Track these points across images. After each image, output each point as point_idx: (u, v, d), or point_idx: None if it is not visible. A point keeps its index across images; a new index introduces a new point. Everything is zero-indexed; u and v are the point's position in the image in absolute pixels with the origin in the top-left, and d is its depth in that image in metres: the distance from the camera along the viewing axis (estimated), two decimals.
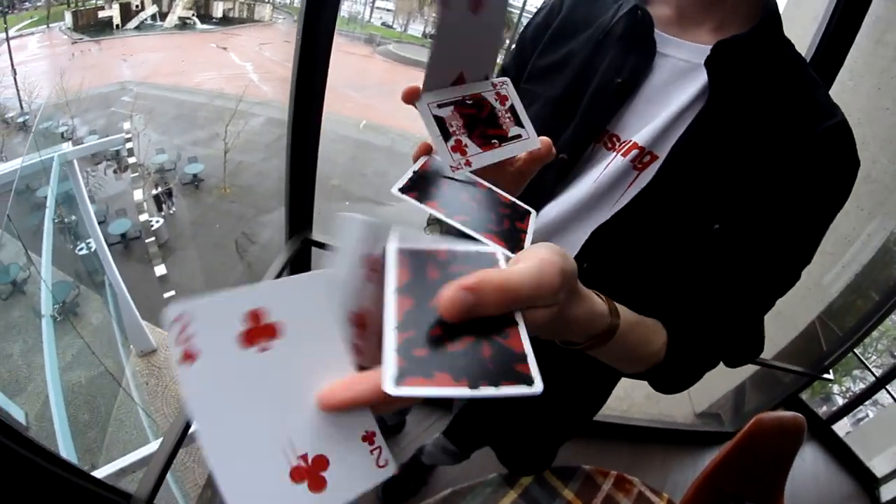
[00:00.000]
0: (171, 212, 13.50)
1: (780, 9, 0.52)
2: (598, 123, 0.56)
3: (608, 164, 0.55)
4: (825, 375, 2.16)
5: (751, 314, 0.58)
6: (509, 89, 0.41)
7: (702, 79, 0.51)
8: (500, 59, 0.74)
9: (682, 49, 0.54)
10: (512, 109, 0.40)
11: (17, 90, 18.88)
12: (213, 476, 0.21)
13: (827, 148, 0.49)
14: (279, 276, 1.26)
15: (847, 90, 2.06)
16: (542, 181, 0.59)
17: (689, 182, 0.51)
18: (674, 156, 0.51)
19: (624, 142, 0.55)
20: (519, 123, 0.40)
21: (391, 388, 0.22)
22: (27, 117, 17.66)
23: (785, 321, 2.45)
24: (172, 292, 9.95)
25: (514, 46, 0.70)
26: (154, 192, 13.35)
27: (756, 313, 0.58)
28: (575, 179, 0.58)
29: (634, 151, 0.54)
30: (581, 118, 0.57)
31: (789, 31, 0.53)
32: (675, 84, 0.53)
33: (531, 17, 0.68)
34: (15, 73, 19.27)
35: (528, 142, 0.40)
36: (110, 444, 6.69)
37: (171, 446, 0.91)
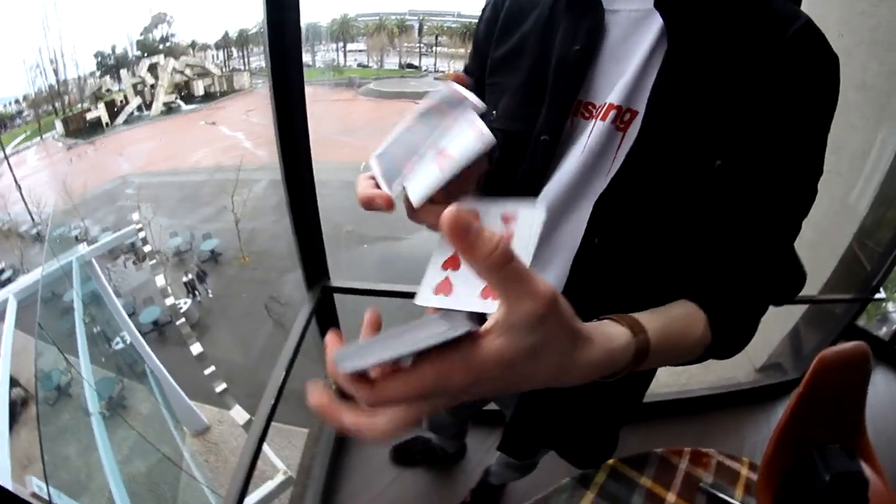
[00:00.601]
0: (209, 295, 13.56)
1: None
2: (569, 96, 0.55)
3: (591, 132, 0.54)
4: (876, 296, 2.07)
5: (780, 244, 0.55)
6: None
7: (657, 22, 0.50)
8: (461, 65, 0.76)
9: (631, 0, 0.53)
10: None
11: (25, 204, 19.86)
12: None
13: (800, 51, 0.47)
14: (305, 327, 1.27)
15: (820, 3, 2.01)
16: (532, 168, 0.59)
17: (675, 127, 0.50)
18: (652, 106, 0.50)
19: (599, 106, 0.54)
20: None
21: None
22: (40, 227, 18.55)
23: (821, 252, 2.37)
24: (213, 367, 10.11)
25: (471, 47, 0.71)
26: (185, 279, 13.38)
27: (785, 241, 0.55)
28: (563, 157, 0.57)
29: (613, 112, 0.53)
30: (551, 96, 0.56)
31: None
32: (633, 36, 0.53)
33: (479, 14, 0.69)
34: (20, 188, 20.28)
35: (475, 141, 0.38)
36: None
37: None
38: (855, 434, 1.38)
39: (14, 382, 8.55)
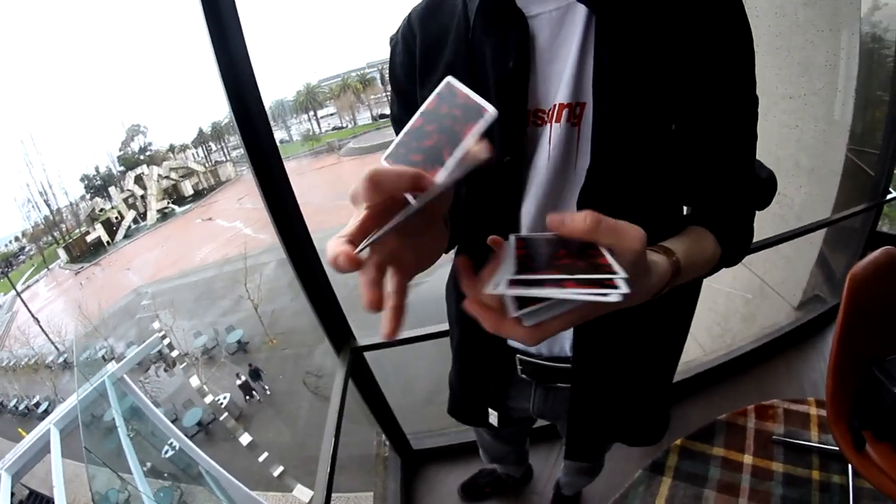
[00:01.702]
0: (267, 392, 13.14)
1: None
2: (519, 112, 0.56)
3: (550, 137, 0.56)
4: (888, 197, 2.04)
5: (742, 165, 0.60)
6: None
7: (580, 13, 0.52)
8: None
9: (546, 1, 0.54)
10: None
11: (47, 335, 20.24)
12: None
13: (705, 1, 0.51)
14: (343, 393, 1.28)
15: None
16: (506, 188, 0.60)
17: (624, 106, 0.52)
18: (597, 94, 0.52)
19: (548, 110, 0.55)
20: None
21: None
22: (66, 355, 18.73)
23: (822, 173, 2.34)
24: (266, 454, 10.05)
25: (391, 95, 0.70)
26: (238, 381, 12.92)
27: (746, 161, 0.60)
28: (530, 169, 0.58)
29: (565, 111, 0.54)
30: (501, 117, 0.58)
31: None
32: (560, 34, 0.54)
33: (390, 59, 0.68)
34: (37, 321, 20.69)
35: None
36: None
37: None
38: None
39: None
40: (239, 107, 0.98)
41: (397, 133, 0.73)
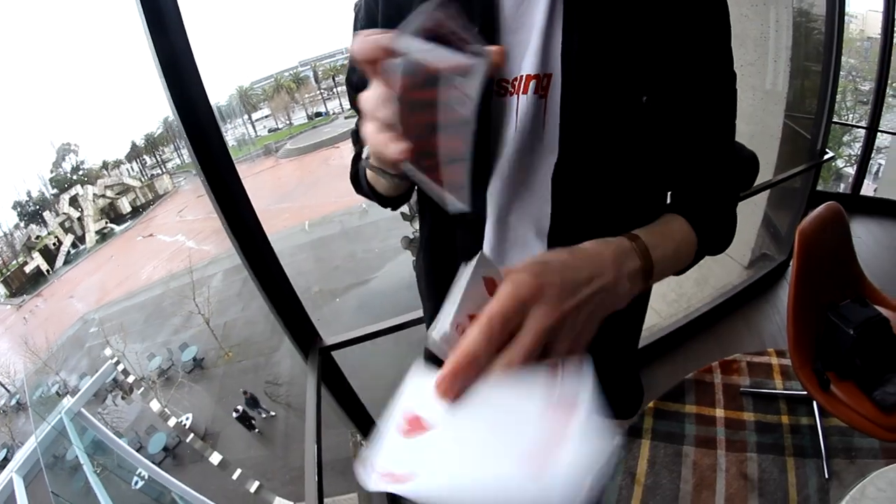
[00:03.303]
0: (264, 418, 11.92)
1: None
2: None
3: (517, 109, 0.54)
4: (825, 157, 2.18)
5: (722, 144, 0.59)
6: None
7: None
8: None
9: None
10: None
11: None
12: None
13: None
14: (318, 395, 1.23)
15: None
16: (474, 163, 0.58)
17: (593, 78, 0.50)
18: (565, 65, 0.51)
19: (514, 80, 0.54)
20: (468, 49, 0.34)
21: None
22: (17, 396, 17.43)
23: (762, 139, 2.48)
24: (239, 470, 9.72)
25: (349, 59, 0.68)
26: (235, 414, 11.62)
27: (725, 140, 0.59)
28: (496, 143, 0.57)
29: (533, 82, 0.52)
30: None
31: None
32: (525, 2, 0.52)
33: (353, 24, 0.65)
34: None
35: (480, 68, 0.34)
36: None
37: None
38: (859, 285, 1.44)
39: None
40: (184, 105, 0.91)
41: (353, 101, 0.69)
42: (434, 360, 0.35)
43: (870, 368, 1.18)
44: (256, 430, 11.51)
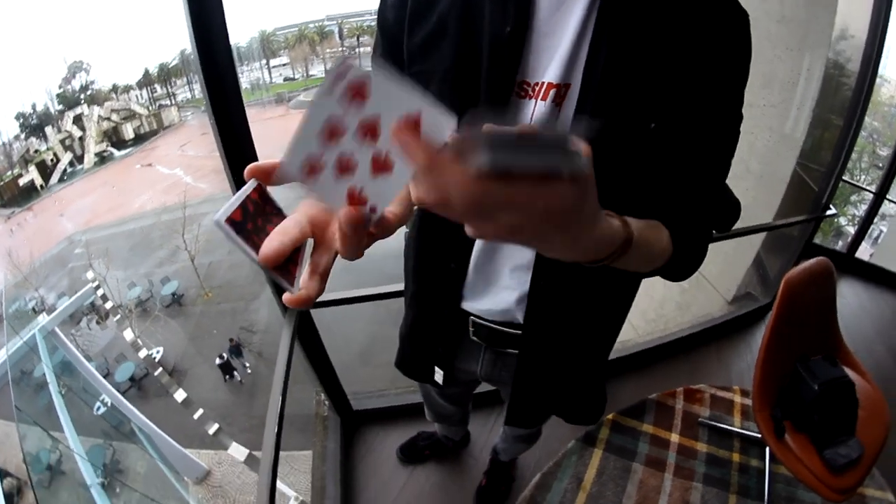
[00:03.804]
0: (248, 371, 11.68)
1: None
2: (508, 79, 0.55)
3: (533, 114, 0.55)
4: (827, 213, 2.19)
5: (713, 183, 0.61)
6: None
7: None
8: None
9: None
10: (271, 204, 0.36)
11: None
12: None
13: (718, 9, 0.51)
14: (290, 351, 1.24)
15: None
16: None
17: (609, 97, 0.51)
18: (586, 79, 0.51)
19: (536, 84, 0.54)
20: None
21: None
22: None
23: (769, 181, 2.49)
24: (201, 410, 9.81)
25: (376, 35, 0.66)
26: (219, 361, 11.40)
27: (717, 180, 0.61)
28: None
29: (552, 91, 0.53)
30: (489, 81, 0.56)
31: None
32: (563, 8, 0.52)
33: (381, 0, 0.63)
34: None
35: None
36: None
37: None
38: (833, 343, 1.46)
39: (4, 473, 8.10)
40: (203, 38, 0.89)
41: None
42: None
43: (826, 426, 1.21)
44: (238, 380, 11.38)
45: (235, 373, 11.45)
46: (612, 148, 0.52)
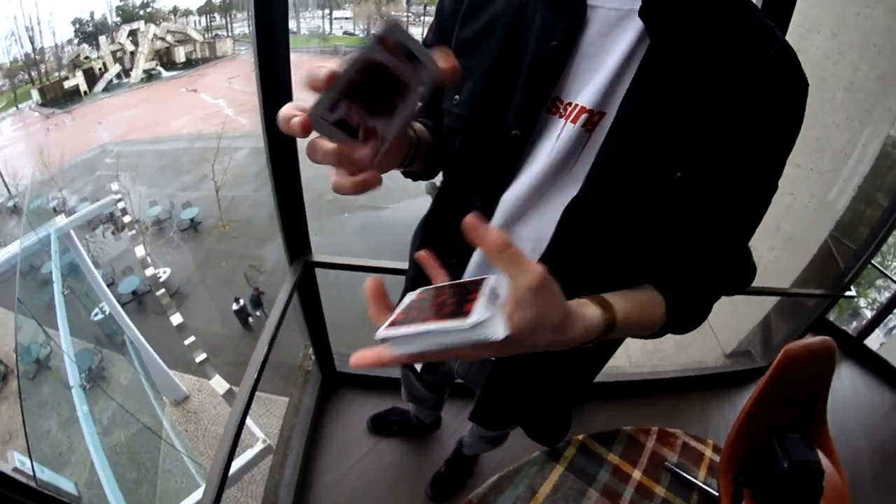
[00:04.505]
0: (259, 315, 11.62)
1: None
2: (544, 93, 0.54)
3: (560, 133, 0.54)
4: (847, 293, 2.14)
5: (733, 247, 0.59)
6: (398, 33, 0.36)
7: (637, 24, 0.49)
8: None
9: None
10: (405, 50, 0.36)
11: (1, 176, 19.01)
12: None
13: (776, 72, 0.48)
14: (287, 302, 1.27)
15: (816, 3, 2.02)
16: (502, 161, 0.58)
17: (642, 135, 0.50)
18: (622, 112, 0.51)
19: (569, 104, 0.54)
20: (415, 59, 0.36)
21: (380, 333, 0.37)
22: (16, 200, 17.79)
23: (797, 245, 2.44)
24: (192, 338, 10.03)
25: (433, 20, 0.67)
26: (235, 306, 11.32)
27: (737, 245, 0.59)
28: (529, 156, 0.57)
29: (584, 116, 0.53)
30: (525, 90, 0.56)
31: None
32: (611, 35, 0.51)
33: None
34: None
35: (430, 74, 0.36)
36: (162, 495, 6.79)
37: (215, 490, 0.91)
38: (816, 425, 1.44)
39: None
40: None
41: None
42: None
43: None
44: (249, 329, 11.40)
45: (249, 320, 11.50)
46: (637, 188, 0.52)
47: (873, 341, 2.62)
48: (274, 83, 1.02)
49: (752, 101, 0.48)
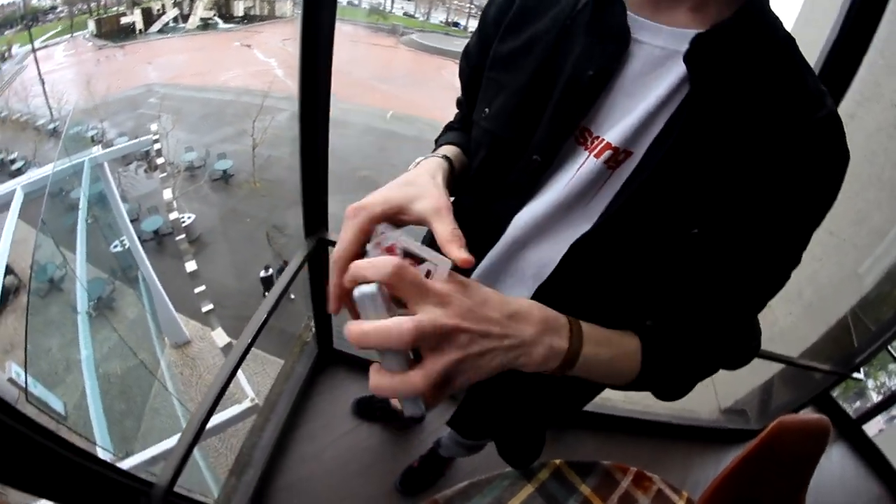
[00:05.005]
0: (292, 297, 11.56)
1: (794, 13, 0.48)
2: (572, 122, 0.53)
3: (581, 166, 0.53)
4: (855, 375, 2.08)
5: (736, 318, 0.56)
6: (393, 237, 0.40)
7: (680, 67, 0.47)
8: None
9: (658, 35, 0.49)
10: (409, 254, 0.40)
11: (46, 98, 19.61)
12: None
13: (818, 140, 0.46)
14: (296, 273, 1.30)
15: (878, 72, 1.96)
16: (519, 182, 0.58)
17: (666, 183, 0.48)
18: (649, 155, 0.49)
19: (596, 138, 0.52)
20: (421, 261, 0.40)
21: None
22: (57, 124, 18.32)
23: (816, 314, 2.38)
24: (203, 287, 10.25)
25: (477, 24, 0.66)
26: (263, 273, 11.31)
27: (742, 317, 0.56)
28: (548, 181, 0.56)
29: (609, 153, 0.51)
30: (552, 117, 0.54)
31: (803, 35, 0.50)
32: (652, 74, 0.49)
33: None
34: (43, 82, 20.06)
35: (440, 270, 0.39)
36: (146, 432, 6.97)
37: (192, 435, 0.92)
38: (794, 502, 1.42)
39: (9, 270, 8.70)
40: None
41: (463, 67, 0.70)
42: None
43: None
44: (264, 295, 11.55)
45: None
46: (645, 238, 0.51)
47: (872, 426, 2.54)
48: (314, 48, 1.03)
49: (787, 166, 0.46)
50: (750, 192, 0.47)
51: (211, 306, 9.55)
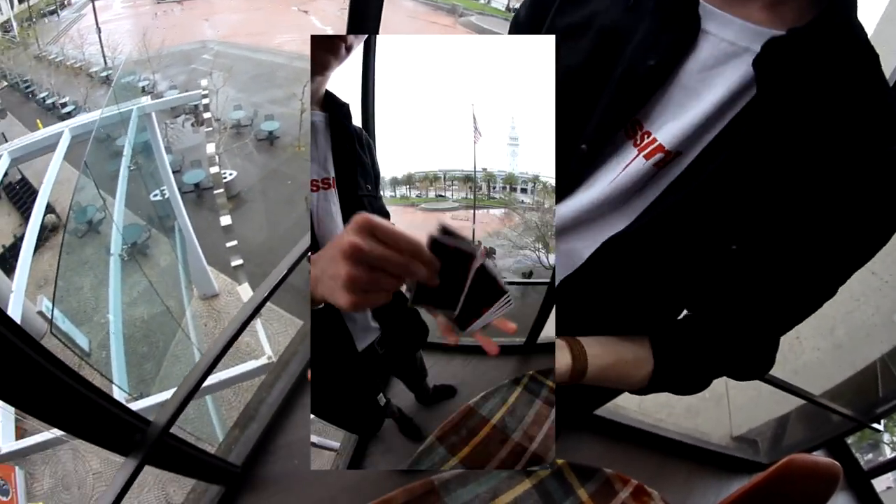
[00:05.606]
0: None
1: (870, 29, 0.43)
2: (625, 115, 0.49)
3: (628, 165, 0.50)
4: (874, 425, 2.01)
5: (761, 335, 0.54)
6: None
7: (747, 67, 0.43)
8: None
9: (729, 27, 0.44)
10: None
11: (102, 47, 20.16)
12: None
13: (886, 173, 0.41)
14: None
15: None
16: (565, 170, 0.55)
17: (714, 193, 0.45)
18: (701, 161, 0.45)
19: (647, 134, 0.48)
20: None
21: None
22: (110, 73, 18.81)
23: (844, 355, 2.30)
24: (235, 242, 10.48)
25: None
26: None
27: (768, 335, 0.55)
28: (594, 172, 0.53)
29: (659, 155, 0.48)
30: (606, 107, 0.50)
31: (885, 34, 0.45)
32: (715, 70, 0.45)
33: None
34: (99, 31, 20.56)
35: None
36: (164, 377, 7.23)
37: (195, 380, 0.93)
38: None
39: (50, 208, 9.08)
40: None
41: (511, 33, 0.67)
42: None
43: None
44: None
45: None
46: (681, 247, 0.48)
47: (881, 482, 2.46)
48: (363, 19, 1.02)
49: (848, 194, 0.42)
50: (801, 215, 0.44)
51: (241, 261, 9.73)
